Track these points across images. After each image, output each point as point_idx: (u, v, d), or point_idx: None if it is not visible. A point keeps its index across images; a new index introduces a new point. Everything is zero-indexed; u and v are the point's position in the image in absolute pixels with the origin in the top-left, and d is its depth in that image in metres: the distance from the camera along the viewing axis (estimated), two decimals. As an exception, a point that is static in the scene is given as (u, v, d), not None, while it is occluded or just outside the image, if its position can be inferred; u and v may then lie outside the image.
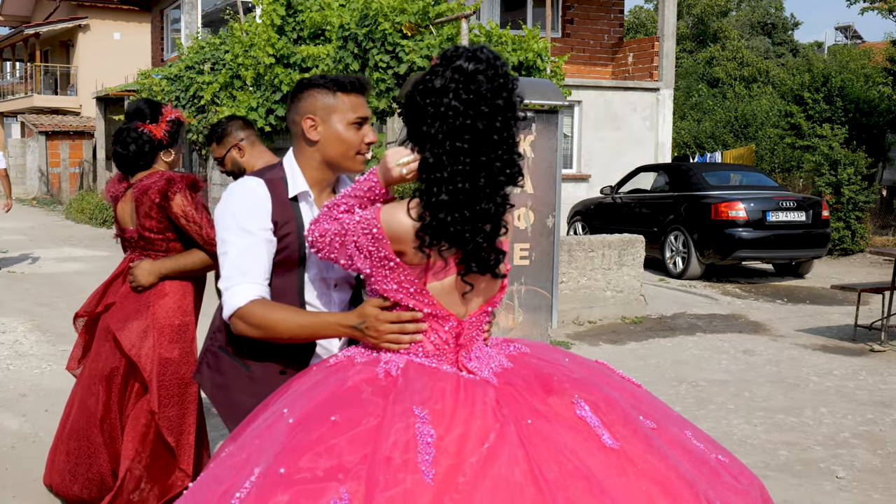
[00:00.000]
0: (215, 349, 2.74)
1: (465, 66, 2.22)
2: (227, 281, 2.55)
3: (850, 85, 19.49)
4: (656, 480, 2.15)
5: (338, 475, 1.99)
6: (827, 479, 5.26)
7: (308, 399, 2.24)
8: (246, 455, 2.19)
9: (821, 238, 13.36)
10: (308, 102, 2.69)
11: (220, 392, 2.72)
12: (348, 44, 10.57)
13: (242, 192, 2.60)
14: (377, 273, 2.32)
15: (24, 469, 5.12)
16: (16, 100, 36.49)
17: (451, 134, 2.21)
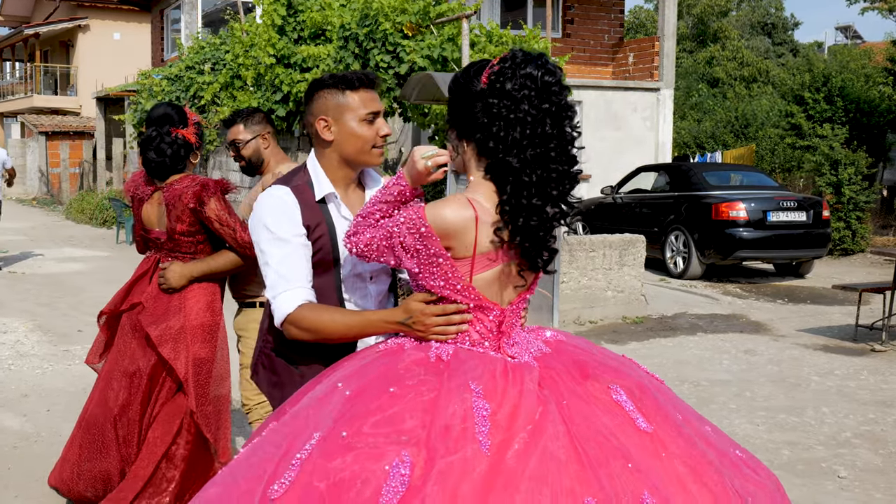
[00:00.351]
0: (269, 351, 2.85)
1: (533, 73, 2.33)
2: (272, 290, 2.65)
3: (850, 85, 19.49)
4: (687, 464, 2.26)
5: (400, 439, 2.09)
6: (829, 478, 5.26)
7: (362, 375, 2.33)
8: (302, 422, 2.26)
9: (821, 238, 13.36)
10: (319, 104, 2.76)
11: (275, 390, 2.82)
12: (349, 44, 10.58)
13: (271, 203, 2.68)
14: (425, 270, 2.39)
15: (25, 469, 5.12)
16: (16, 100, 36.49)
17: (535, 140, 2.33)
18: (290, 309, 2.61)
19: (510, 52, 2.39)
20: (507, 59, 2.37)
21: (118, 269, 13.69)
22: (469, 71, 2.45)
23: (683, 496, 2.21)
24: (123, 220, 17.68)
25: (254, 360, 2.96)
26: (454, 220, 2.33)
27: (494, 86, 2.35)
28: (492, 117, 2.35)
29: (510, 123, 2.32)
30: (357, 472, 2.04)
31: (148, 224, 4.28)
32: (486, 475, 2.04)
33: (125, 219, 17.64)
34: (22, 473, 5.06)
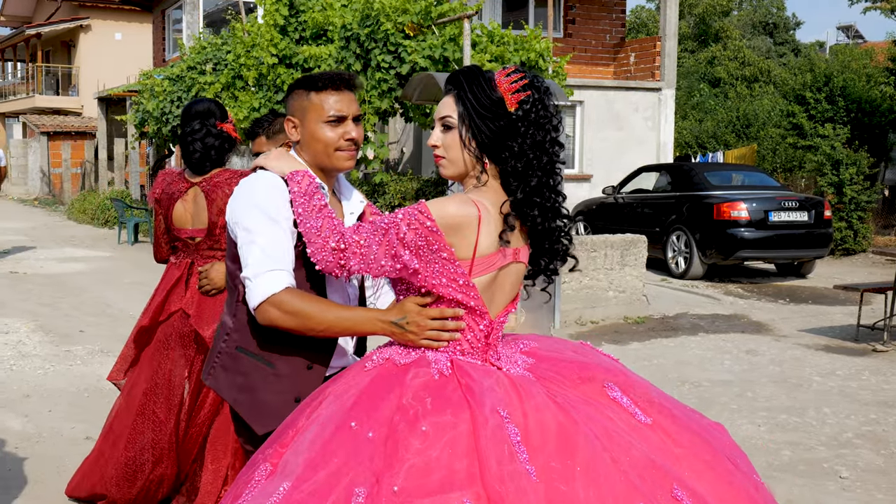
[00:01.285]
0: (231, 350, 2.66)
1: (548, 102, 2.47)
2: (255, 267, 2.50)
3: (852, 85, 19.47)
4: (692, 451, 2.33)
5: (455, 484, 2.05)
6: (830, 479, 5.26)
7: (373, 409, 2.24)
8: (332, 477, 2.15)
9: (823, 238, 13.35)
10: (289, 105, 2.75)
11: (243, 394, 2.63)
12: (350, 44, 10.58)
13: (265, 184, 2.59)
14: (427, 268, 2.34)
15: (27, 470, 5.12)
16: (17, 100, 36.52)
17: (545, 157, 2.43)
18: (275, 289, 2.47)
19: (527, 75, 2.46)
20: (537, 88, 2.46)
21: (120, 270, 13.71)
22: (490, 84, 2.45)
23: (703, 483, 2.26)
24: (125, 221, 17.69)
25: (207, 364, 2.76)
26: (459, 216, 2.33)
27: (529, 114, 2.43)
28: (526, 144, 2.42)
29: (540, 150, 2.43)
30: None
31: (179, 224, 4.19)
32: (556, 498, 2.05)
33: (127, 219, 17.66)
34: (23, 474, 5.06)
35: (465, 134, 2.44)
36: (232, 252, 2.66)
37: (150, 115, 16.64)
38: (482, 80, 2.44)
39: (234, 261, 2.65)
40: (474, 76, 2.46)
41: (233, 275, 2.67)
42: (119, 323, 9.55)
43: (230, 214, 2.63)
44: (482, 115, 2.42)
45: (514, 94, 2.42)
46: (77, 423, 5.99)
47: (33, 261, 14.61)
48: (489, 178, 2.45)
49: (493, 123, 2.42)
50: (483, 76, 2.45)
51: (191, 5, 23.05)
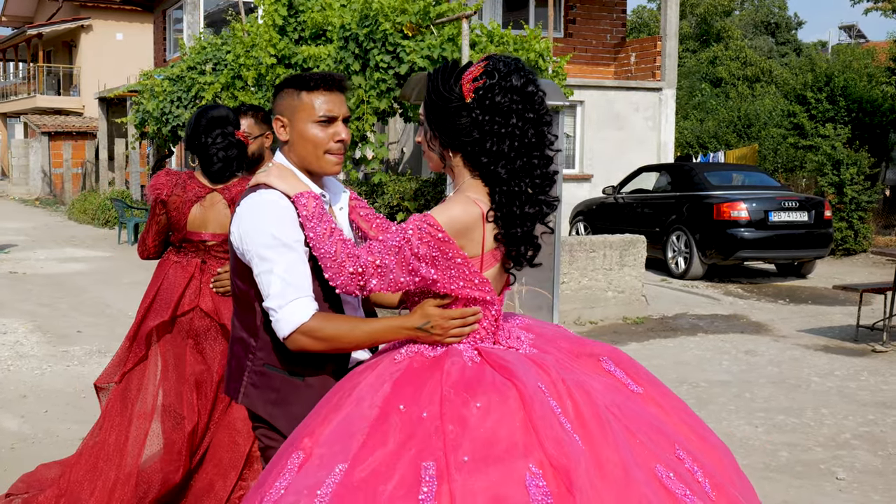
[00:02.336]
0: (259, 368, 2.65)
1: (517, 84, 2.40)
2: (280, 298, 2.49)
3: (853, 84, 19.44)
4: (679, 418, 2.48)
5: (518, 453, 2.15)
6: (827, 480, 5.24)
7: (417, 392, 2.31)
8: (391, 451, 2.20)
9: (823, 238, 13.33)
10: (278, 104, 2.69)
11: (278, 409, 2.64)
12: (349, 44, 10.57)
13: (273, 208, 2.54)
14: (444, 275, 2.39)
15: (22, 470, 5.10)
16: (19, 100, 36.54)
17: (522, 150, 2.42)
18: (304, 318, 2.48)
19: (490, 61, 2.43)
20: (493, 72, 2.41)
21: (119, 270, 13.70)
22: (447, 77, 2.46)
23: (699, 445, 2.42)
24: (125, 221, 17.69)
25: (234, 382, 2.73)
26: (466, 219, 2.38)
27: (483, 101, 2.40)
28: (483, 132, 2.41)
29: (501, 137, 2.40)
30: (502, 491, 2.09)
31: (194, 227, 4.17)
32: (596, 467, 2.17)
33: (127, 219, 17.66)
34: (18, 475, 5.04)
35: (430, 131, 2.50)
36: (242, 271, 2.61)
37: (150, 115, 16.63)
38: (444, 76, 2.46)
39: (244, 281, 2.61)
40: (438, 72, 2.48)
41: (245, 294, 2.62)
42: (117, 323, 9.54)
43: (238, 238, 2.57)
44: (439, 109, 2.45)
45: (471, 84, 2.41)
46: (73, 423, 5.99)
47: (33, 261, 14.61)
48: (466, 171, 2.48)
49: (453, 118, 2.43)
50: (447, 72, 2.46)
51: (191, 5, 23.05)
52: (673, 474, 2.25)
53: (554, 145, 2.51)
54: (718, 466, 2.40)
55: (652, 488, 2.19)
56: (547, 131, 2.47)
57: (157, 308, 4.24)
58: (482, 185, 2.45)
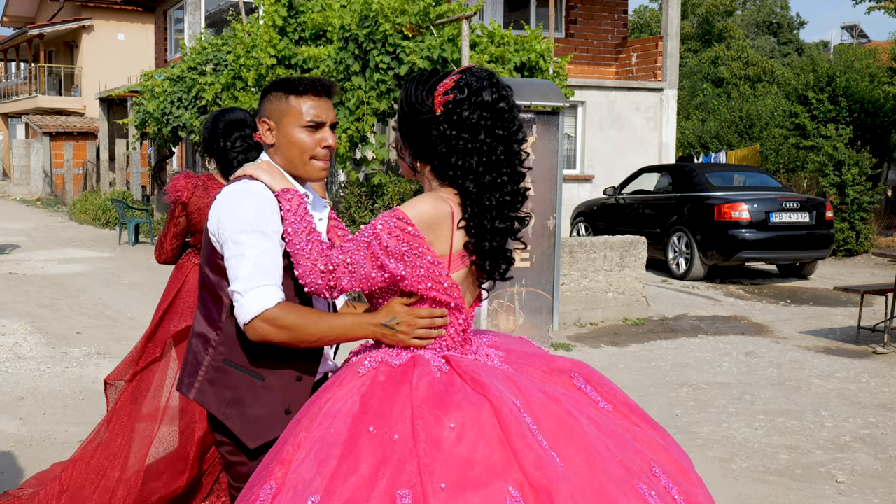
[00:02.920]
0: (217, 364, 2.57)
1: (488, 100, 2.40)
2: (246, 282, 2.43)
3: (854, 85, 19.40)
4: (650, 433, 2.47)
5: (496, 475, 2.11)
6: (827, 483, 5.22)
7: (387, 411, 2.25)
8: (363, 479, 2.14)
9: (825, 239, 13.30)
10: (265, 106, 2.65)
11: (232, 408, 2.55)
12: (349, 45, 10.55)
13: (254, 195, 2.51)
14: (412, 273, 2.36)
15: (18, 473, 5.10)
16: (20, 101, 36.53)
17: (490, 166, 2.41)
18: (268, 304, 2.41)
19: (463, 75, 2.43)
20: (464, 87, 2.41)
21: (119, 271, 13.69)
22: (420, 89, 2.47)
23: (667, 459, 2.41)
24: (126, 221, 17.68)
25: (188, 377, 2.65)
26: (435, 213, 2.38)
27: (452, 116, 2.40)
28: (449, 147, 2.41)
29: (468, 153, 2.40)
30: None
31: None
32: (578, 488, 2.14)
33: (127, 220, 17.65)
34: (15, 477, 5.03)
35: (400, 140, 2.52)
36: (213, 262, 2.57)
37: (151, 115, 16.62)
38: (417, 87, 2.47)
39: (216, 271, 2.56)
40: (413, 82, 2.49)
41: (215, 285, 2.57)
42: (117, 324, 9.53)
43: (215, 223, 2.52)
44: (409, 119, 2.47)
45: (443, 97, 2.42)
46: (70, 426, 5.97)
47: (33, 262, 14.60)
48: (435, 181, 2.49)
49: (423, 129, 2.45)
50: (422, 82, 2.48)
51: (192, 6, 23.03)
52: (654, 493, 2.24)
53: (526, 162, 2.49)
54: (688, 482, 2.39)
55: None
56: (518, 148, 2.47)
57: (178, 311, 4.21)
58: (454, 191, 2.45)
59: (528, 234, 8.63)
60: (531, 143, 8.54)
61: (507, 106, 2.43)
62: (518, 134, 2.47)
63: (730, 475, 5.30)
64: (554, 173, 8.71)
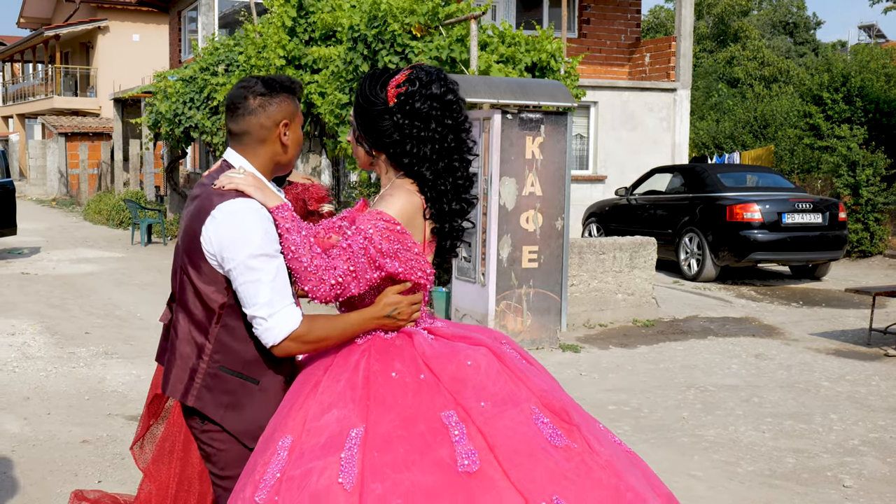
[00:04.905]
0: (213, 371, 2.62)
1: (437, 92, 2.61)
2: (269, 307, 2.52)
3: (869, 85, 19.24)
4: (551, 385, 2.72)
5: (520, 398, 2.47)
6: (833, 487, 5.16)
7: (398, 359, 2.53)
8: (404, 409, 2.39)
9: (837, 240, 13.20)
10: (283, 107, 2.67)
11: (230, 412, 2.62)
12: (358, 45, 10.54)
13: (254, 217, 2.53)
14: (407, 266, 2.58)
15: (22, 473, 5.11)
16: (36, 101, 36.74)
17: (443, 153, 2.64)
18: (294, 325, 2.53)
19: (414, 70, 2.65)
20: (415, 80, 2.61)
21: (131, 271, 13.73)
22: (375, 83, 2.65)
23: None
24: (138, 222, 17.73)
25: (180, 383, 2.66)
26: (411, 208, 2.60)
27: (404, 106, 2.60)
28: (403, 135, 2.61)
29: (422, 141, 2.61)
30: (522, 429, 2.39)
31: None
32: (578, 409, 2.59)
33: (140, 220, 17.70)
34: (17, 477, 5.04)
35: (357, 131, 2.71)
36: (206, 273, 2.58)
37: (163, 116, 16.67)
38: (369, 83, 2.67)
39: (206, 282, 2.58)
40: (368, 77, 2.69)
41: (207, 297, 2.59)
42: (126, 325, 9.55)
43: (216, 245, 2.54)
44: (364, 113, 2.66)
45: (395, 90, 2.62)
46: (74, 426, 5.98)
47: (46, 262, 14.66)
48: (392, 169, 2.68)
49: (377, 120, 2.64)
50: (373, 79, 2.66)
51: (206, 7, 23.10)
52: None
53: (472, 150, 2.72)
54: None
55: None
56: (465, 137, 2.68)
57: None
58: (411, 181, 2.65)
59: (536, 234, 8.59)
60: (539, 144, 8.50)
61: (455, 98, 2.64)
62: (465, 124, 2.68)
63: (735, 478, 5.25)
64: (562, 174, 8.67)
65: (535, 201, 8.56)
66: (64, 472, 5.13)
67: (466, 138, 2.69)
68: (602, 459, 2.43)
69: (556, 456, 2.37)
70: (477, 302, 8.64)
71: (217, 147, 15.84)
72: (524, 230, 8.54)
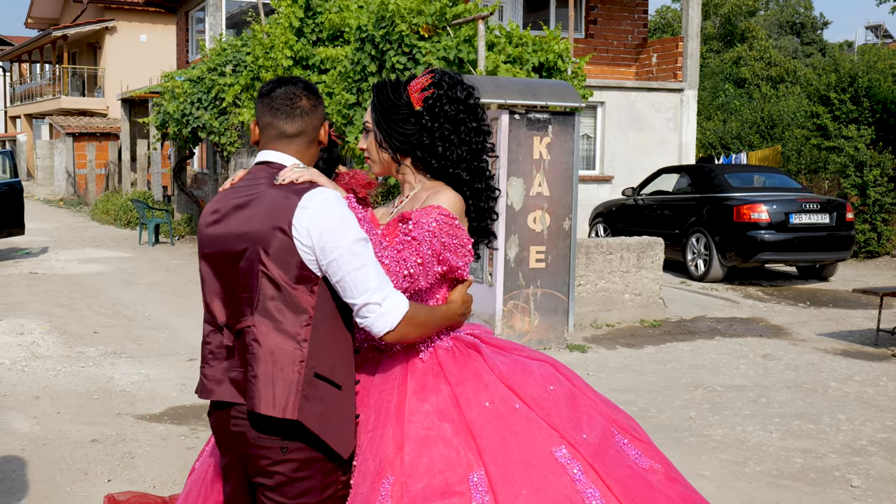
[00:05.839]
0: (309, 378, 2.44)
1: (461, 96, 2.70)
2: (381, 291, 2.43)
3: (877, 85, 19.19)
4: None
5: (598, 420, 2.62)
6: (841, 487, 5.16)
7: (483, 388, 2.57)
8: (513, 443, 2.44)
9: (845, 240, 13.18)
10: (319, 112, 2.64)
11: (325, 421, 2.46)
12: (366, 45, 10.55)
13: (345, 205, 2.47)
14: (462, 259, 2.65)
15: (32, 471, 5.13)
16: (44, 101, 36.83)
17: (474, 154, 2.74)
18: (407, 305, 2.47)
19: (436, 74, 2.71)
20: (440, 83, 2.69)
21: (138, 271, 13.76)
22: (394, 87, 2.72)
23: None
24: (146, 222, 17.78)
25: (285, 398, 2.44)
26: (460, 204, 2.68)
27: (433, 109, 2.67)
28: (434, 138, 2.68)
29: (454, 143, 2.68)
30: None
31: None
32: None
33: (148, 220, 17.74)
34: (27, 476, 5.06)
35: (379, 136, 2.74)
36: (294, 272, 2.44)
37: (171, 116, 16.70)
38: (390, 88, 2.72)
39: (298, 281, 2.45)
40: (384, 85, 2.74)
41: (298, 298, 2.45)
42: (134, 324, 9.58)
43: (316, 235, 2.41)
44: (390, 118, 2.71)
45: (420, 94, 2.69)
46: (84, 425, 6.00)
47: (54, 262, 14.71)
48: (419, 173, 2.75)
49: (401, 124, 2.70)
50: (392, 84, 2.73)
51: (213, 7, 23.13)
52: None
53: (491, 152, 2.80)
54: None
55: None
56: (489, 138, 2.78)
57: None
58: (444, 184, 2.72)
59: (543, 235, 8.60)
60: (546, 144, 8.51)
61: (476, 101, 2.72)
62: (486, 126, 2.75)
63: (743, 479, 5.26)
64: (569, 174, 8.68)
65: (542, 201, 8.57)
66: (74, 471, 5.15)
67: (487, 140, 2.76)
68: (676, 472, 2.62)
69: (651, 478, 2.49)
70: (484, 302, 8.65)
71: (224, 147, 15.87)
72: (532, 230, 8.55)
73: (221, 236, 2.51)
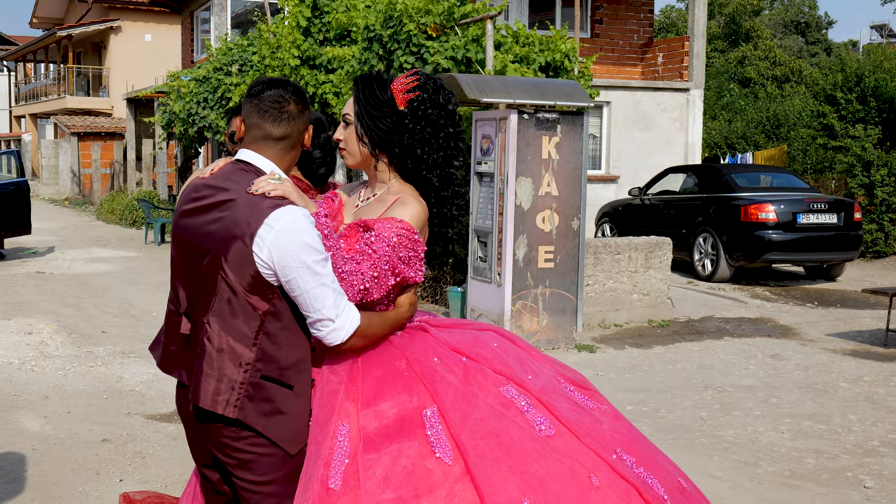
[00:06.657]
0: (255, 380, 2.56)
1: (442, 101, 2.76)
2: (335, 308, 2.55)
3: (884, 84, 19.16)
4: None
5: (546, 370, 2.78)
6: (854, 488, 5.14)
7: (426, 348, 2.72)
8: (463, 384, 2.59)
9: (853, 240, 13.15)
10: (308, 114, 2.73)
11: (270, 419, 2.58)
12: (373, 45, 10.54)
13: (306, 222, 2.51)
14: (416, 272, 2.72)
15: (42, 471, 5.13)
16: (49, 101, 36.87)
17: (447, 160, 2.80)
18: (358, 321, 2.60)
19: (421, 77, 2.77)
20: (426, 86, 2.75)
21: (145, 271, 13.77)
22: (379, 84, 2.76)
23: None
24: (152, 221, 17.78)
25: (219, 395, 2.57)
26: (423, 217, 2.74)
27: (417, 111, 2.73)
28: (414, 139, 2.73)
29: (432, 147, 2.75)
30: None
31: None
32: None
33: (153, 219, 17.75)
34: (38, 476, 5.06)
35: (360, 129, 2.77)
36: (256, 283, 2.52)
37: (177, 116, 16.71)
38: (375, 83, 2.76)
39: (254, 290, 2.52)
40: (369, 79, 2.78)
41: (251, 305, 2.53)
42: (142, 324, 9.58)
43: (277, 253, 2.48)
44: (373, 113, 2.74)
45: (405, 95, 2.75)
46: (94, 425, 6.00)
47: (60, 261, 14.72)
48: (393, 173, 2.80)
49: (383, 121, 2.74)
50: (378, 80, 2.77)
51: (219, 7, 23.14)
52: None
53: (461, 159, 2.87)
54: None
55: None
56: (462, 146, 2.85)
57: None
58: (413, 188, 2.78)
59: (552, 235, 8.59)
60: (555, 144, 8.50)
61: (454, 108, 2.81)
62: (461, 131, 2.82)
63: (755, 479, 5.24)
64: (578, 174, 8.66)
65: (551, 201, 8.56)
66: (85, 471, 5.15)
67: (461, 147, 2.83)
68: (622, 415, 2.77)
69: (598, 416, 2.64)
70: (493, 302, 8.64)
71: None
72: (540, 230, 8.54)
73: (192, 230, 2.62)
